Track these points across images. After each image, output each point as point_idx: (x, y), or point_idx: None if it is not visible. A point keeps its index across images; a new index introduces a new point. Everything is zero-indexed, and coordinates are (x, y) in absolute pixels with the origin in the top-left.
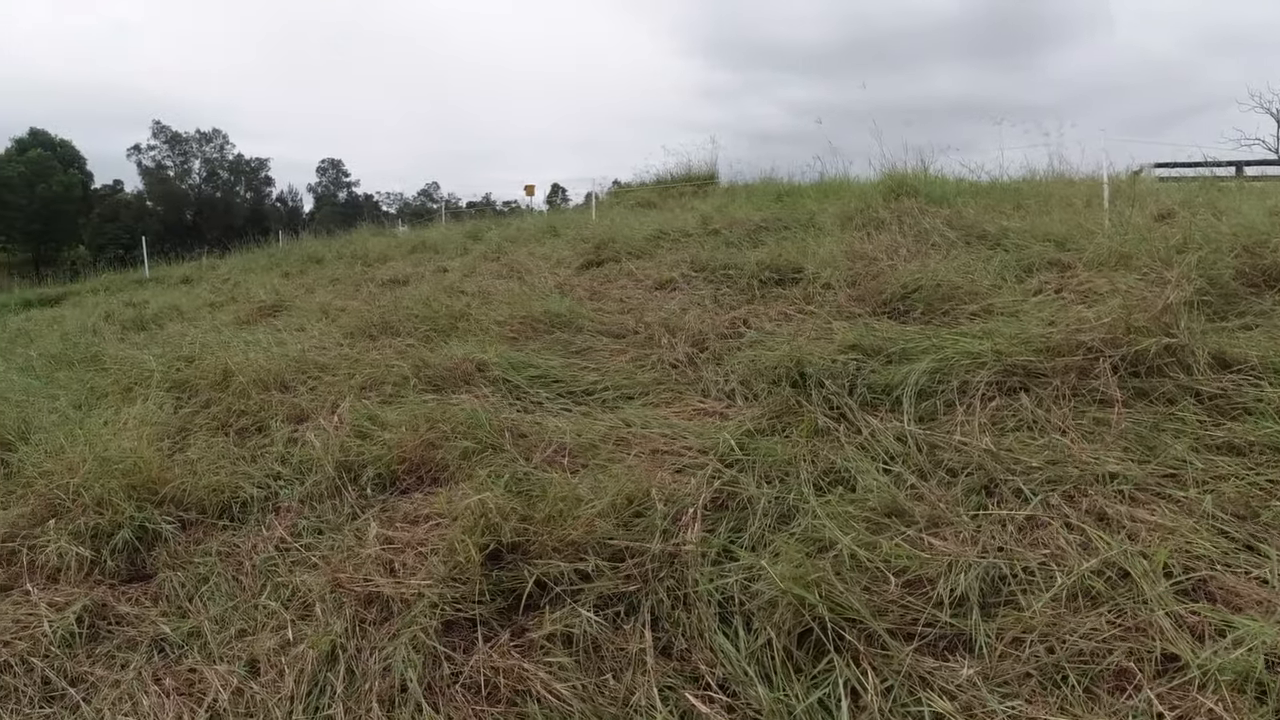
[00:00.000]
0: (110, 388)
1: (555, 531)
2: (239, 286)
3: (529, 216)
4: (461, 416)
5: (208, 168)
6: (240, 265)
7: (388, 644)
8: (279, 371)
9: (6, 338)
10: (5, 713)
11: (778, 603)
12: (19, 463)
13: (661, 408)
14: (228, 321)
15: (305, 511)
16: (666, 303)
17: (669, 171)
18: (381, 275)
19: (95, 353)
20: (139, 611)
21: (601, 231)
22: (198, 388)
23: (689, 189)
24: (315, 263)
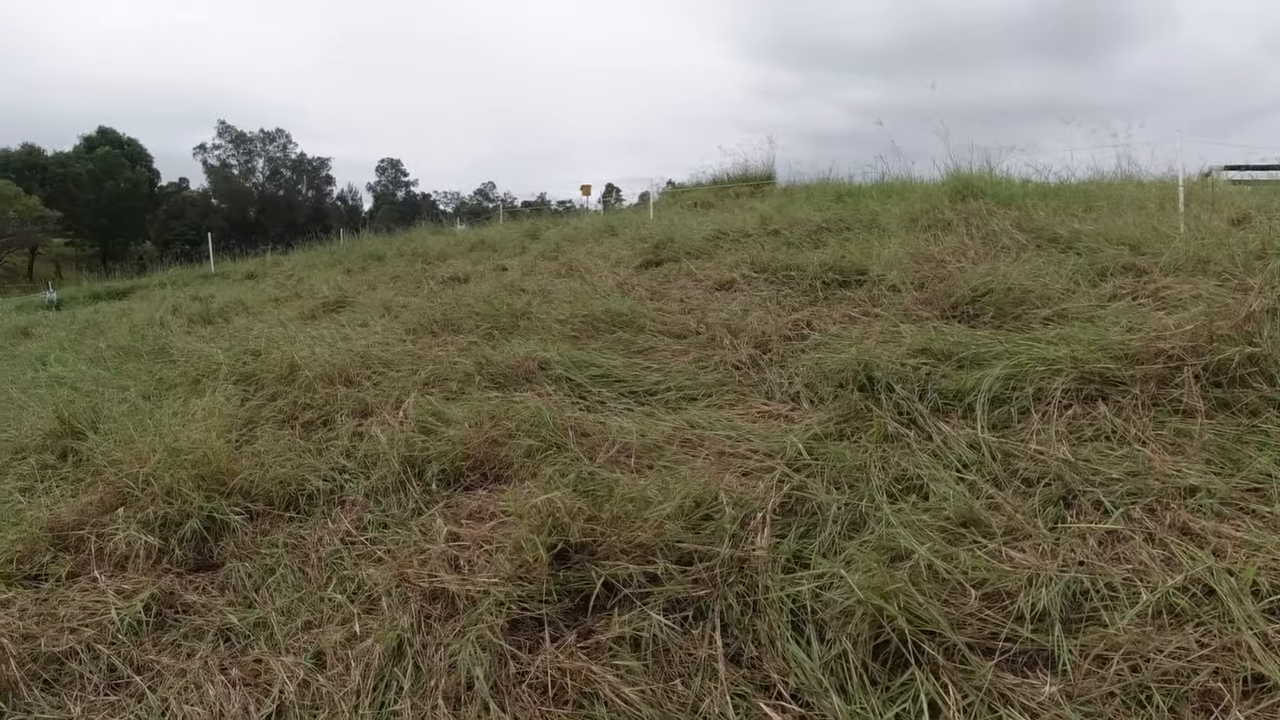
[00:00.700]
0: (178, 380)
1: (623, 533)
2: (303, 282)
3: (586, 216)
4: (525, 414)
5: (271, 166)
6: (303, 262)
7: (454, 641)
8: (344, 366)
9: (76, 329)
10: (70, 700)
11: (853, 612)
12: (89, 451)
13: (725, 409)
14: (292, 316)
15: (370, 505)
16: (727, 303)
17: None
18: (441, 273)
19: (163, 345)
20: (206, 601)
21: (659, 231)
22: (264, 381)
23: (746, 189)
24: (376, 260)
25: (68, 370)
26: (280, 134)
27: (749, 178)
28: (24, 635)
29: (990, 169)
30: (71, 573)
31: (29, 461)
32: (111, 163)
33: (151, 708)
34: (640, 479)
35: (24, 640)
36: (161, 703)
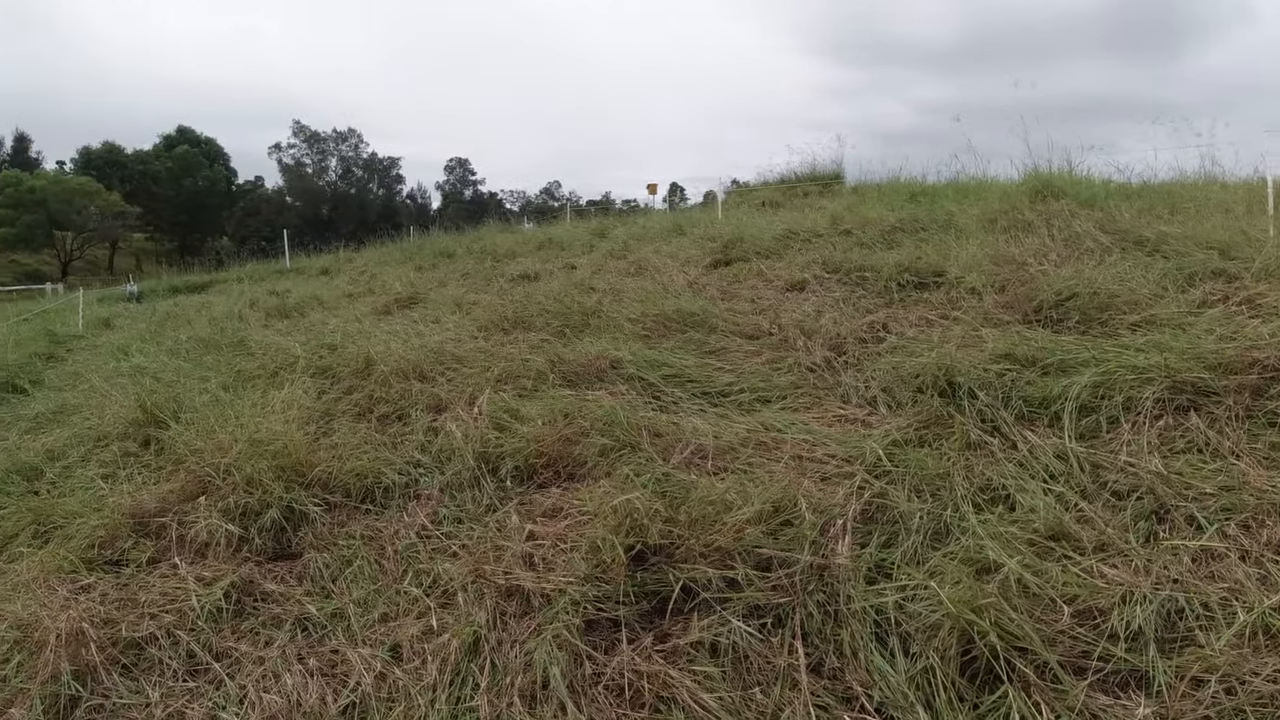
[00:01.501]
0: (256, 372)
1: (701, 536)
2: (375, 279)
3: (653, 215)
4: (599, 413)
5: (343, 165)
6: (375, 258)
7: (529, 639)
8: (417, 361)
9: (156, 321)
10: (149, 685)
11: (941, 626)
12: (170, 440)
13: (800, 412)
14: (365, 312)
15: (445, 500)
16: (800, 304)
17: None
18: (511, 271)
19: (241, 338)
20: (284, 590)
21: (728, 231)
22: (340, 375)
23: (814, 188)
24: (446, 257)
25: (149, 360)
26: (352, 134)
27: (817, 176)
28: (105, 620)
29: (1070, 169)
30: (152, 559)
31: (111, 449)
32: (190, 161)
33: (230, 695)
34: (718, 482)
35: (105, 625)
36: (240, 690)
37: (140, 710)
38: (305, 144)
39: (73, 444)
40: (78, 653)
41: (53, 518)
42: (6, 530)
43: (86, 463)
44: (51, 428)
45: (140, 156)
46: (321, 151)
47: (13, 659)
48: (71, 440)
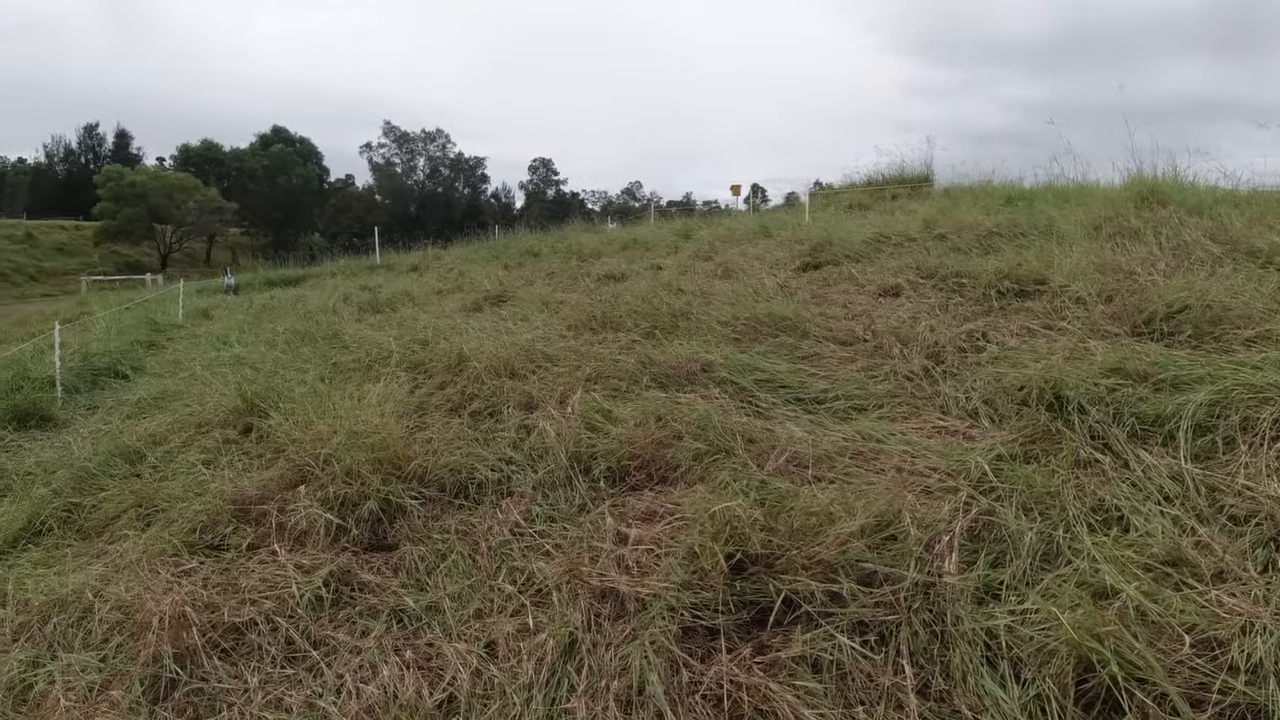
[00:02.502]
0: (351, 365)
1: (804, 547)
2: (464, 276)
3: (739, 217)
4: (692, 417)
5: (431, 165)
6: (462, 256)
7: (624, 643)
8: (508, 359)
9: (252, 313)
10: (248, 670)
11: (1057, 652)
12: (270, 429)
13: (898, 422)
14: (455, 309)
15: (538, 498)
16: (894, 310)
17: (880, 172)
18: (596, 270)
19: (335, 331)
20: (380, 581)
21: (817, 233)
22: (432, 370)
23: (902, 190)
24: (532, 256)
25: (248, 351)
26: (440, 134)
27: (905, 178)
28: (206, 604)
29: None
30: (252, 545)
31: (212, 435)
32: (284, 159)
33: (327, 684)
34: (819, 492)
35: (206, 610)
36: (337, 679)
37: (239, 695)
38: (395, 144)
39: (174, 430)
40: (179, 636)
41: (154, 501)
42: (109, 511)
43: (187, 448)
44: (153, 413)
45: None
46: (410, 151)
47: (113, 640)
48: (173, 426)
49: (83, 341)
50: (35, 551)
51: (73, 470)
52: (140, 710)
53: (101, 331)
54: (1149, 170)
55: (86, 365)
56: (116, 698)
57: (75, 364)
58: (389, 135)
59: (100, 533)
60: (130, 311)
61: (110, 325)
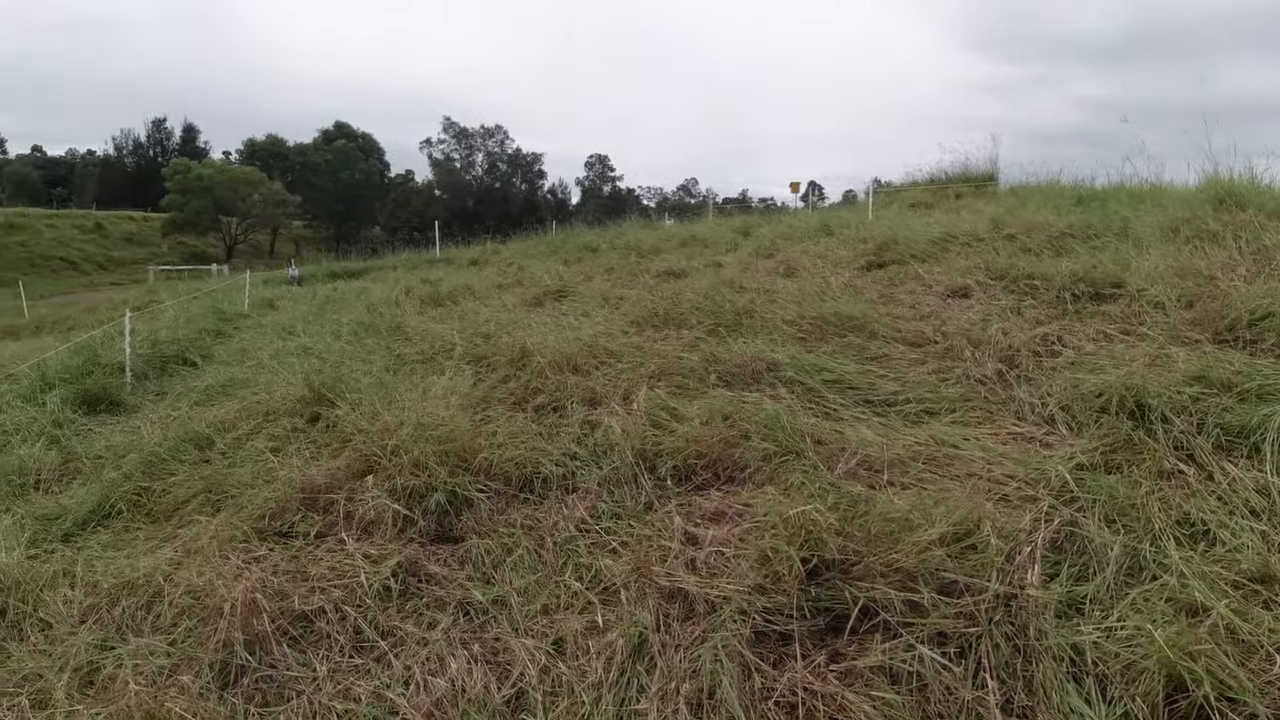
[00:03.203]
0: (414, 357)
1: (883, 554)
2: (523, 270)
3: (799, 214)
4: (760, 416)
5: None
6: (521, 251)
7: (695, 645)
8: (571, 354)
9: (316, 304)
10: (316, 659)
11: (1145, 669)
12: (337, 419)
13: (971, 427)
14: (515, 303)
15: (603, 495)
16: (963, 311)
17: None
18: (656, 267)
19: (398, 324)
20: (447, 573)
21: (881, 232)
22: (495, 364)
23: (966, 189)
24: (591, 251)
25: (314, 341)
26: (499, 130)
27: (969, 177)
28: (277, 592)
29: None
30: (320, 533)
31: (280, 424)
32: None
33: (395, 675)
34: (896, 497)
35: (277, 597)
36: (405, 670)
37: (308, 683)
38: (454, 140)
39: (242, 417)
40: (249, 622)
41: (224, 487)
42: (179, 496)
43: (256, 436)
44: (221, 400)
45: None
46: (469, 147)
47: (181, 624)
48: (241, 413)
49: (152, 329)
50: (105, 534)
51: (143, 454)
52: (210, 696)
53: (170, 320)
54: (1225, 172)
55: (155, 352)
56: (186, 683)
57: (144, 351)
58: (448, 131)
59: (169, 516)
60: (198, 301)
61: (178, 314)
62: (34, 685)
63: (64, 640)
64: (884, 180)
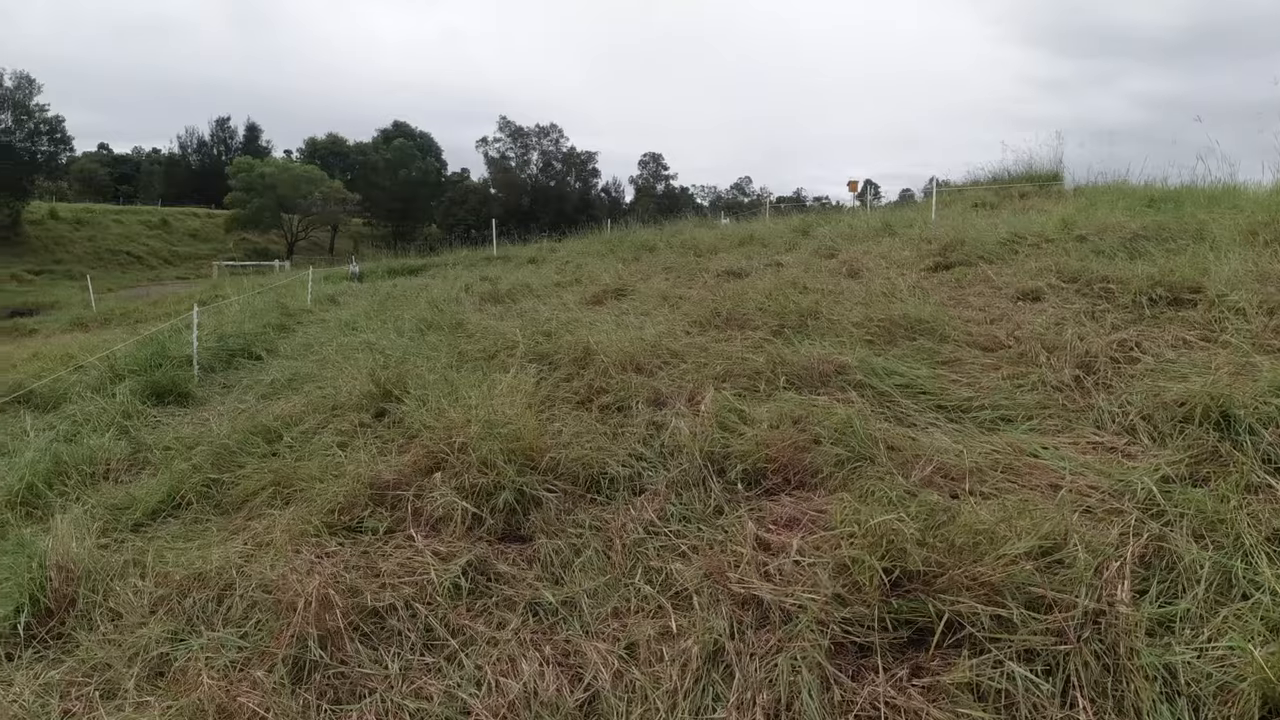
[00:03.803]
0: (477, 354)
1: (967, 567)
2: (581, 268)
3: (860, 213)
4: (831, 421)
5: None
6: (577, 249)
7: (771, 654)
8: (634, 354)
9: (377, 300)
10: (388, 656)
11: (1240, 691)
12: (402, 415)
13: (1049, 435)
14: (575, 301)
15: (671, 497)
16: (1035, 315)
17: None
18: (715, 266)
19: (459, 320)
20: (516, 572)
21: (945, 232)
22: (557, 362)
23: (1030, 189)
24: (648, 250)
25: (376, 337)
26: (554, 129)
27: (1033, 176)
28: (350, 588)
29: None
30: (389, 529)
31: (346, 419)
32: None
33: (467, 675)
34: (980, 508)
35: (349, 593)
36: (476, 670)
37: (380, 681)
38: (510, 138)
39: (309, 411)
40: (322, 618)
41: (292, 480)
42: (247, 488)
43: (322, 430)
44: (286, 394)
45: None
46: (524, 146)
47: (253, 617)
48: (307, 408)
49: (217, 323)
50: (174, 525)
51: (212, 446)
52: (283, 691)
53: (235, 314)
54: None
55: (222, 346)
56: (260, 678)
57: (211, 344)
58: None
59: (238, 508)
60: (262, 296)
61: (243, 308)
62: (103, 675)
63: (134, 630)
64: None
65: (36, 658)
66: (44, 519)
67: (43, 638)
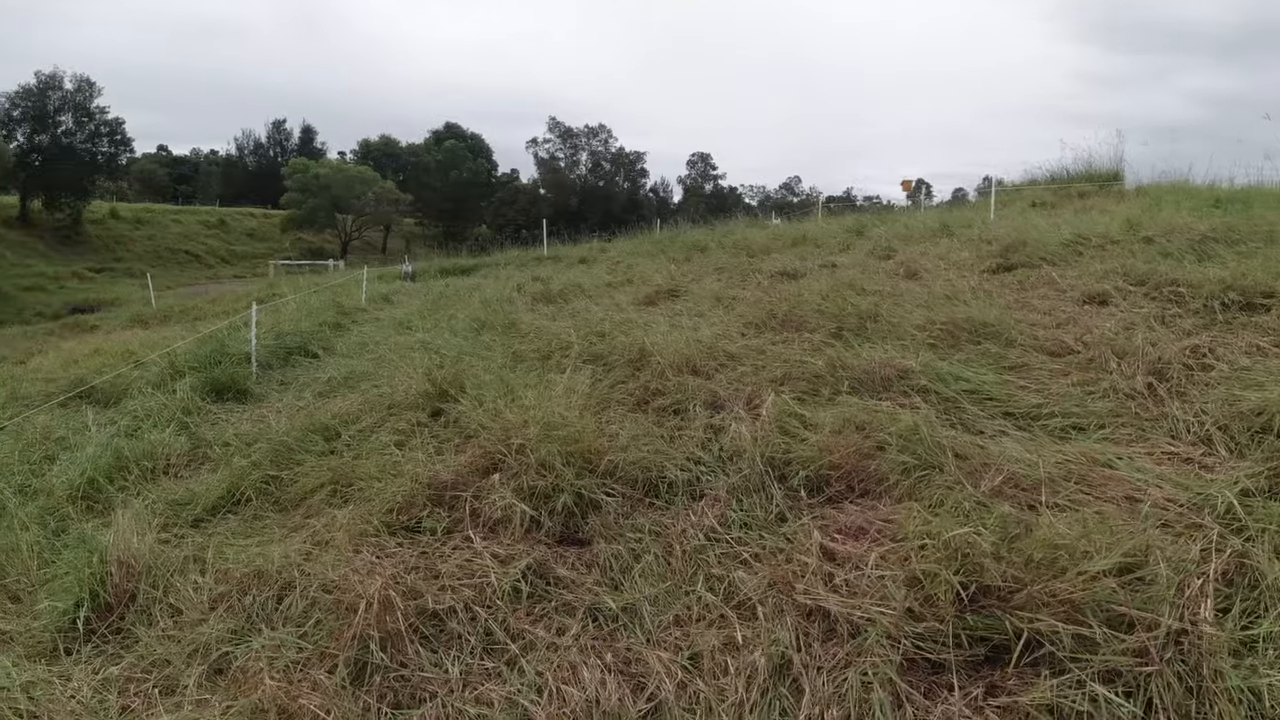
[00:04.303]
0: (530, 354)
1: (1046, 582)
2: (632, 269)
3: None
4: (897, 427)
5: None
6: (628, 249)
7: (839, 669)
8: (691, 356)
9: (430, 300)
10: (448, 660)
11: None
12: (459, 414)
13: (1122, 445)
14: (627, 302)
15: (732, 503)
16: (1103, 319)
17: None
18: (768, 267)
19: (512, 320)
20: (575, 577)
21: (1006, 233)
22: (612, 363)
23: (1090, 188)
24: (699, 250)
25: (431, 336)
26: (602, 129)
27: (1093, 175)
28: (410, 589)
29: None
30: (447, 529)
31: (403, 417)
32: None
33: (528, 681)
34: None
35: (410, 595)
36: (537, 677)
37: (440, 685)
38: (559, 139)
39: (365, 410)
40: (384, 619)
41: (350, 478)
42: (306, 486)
43: (379, 428)
44: (343, 392)
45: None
46: (574, 146)
47: (312, 616)
48: (364, 406)
49: (274, 321)
50: (234, 521)
51: (271, 443)
52: (344, 694)
53: (291, 312)
54: None
55: (279, 344)
56: (321, 680)
57: (269, 342)
58: (554, 130)
59: (297, 505)
60: (317, 294)
61: (300, 307)
62: (162, 672)
63: (194, 627)
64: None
65: (96, 653)
66: (104, 513)
67: (102, 633)
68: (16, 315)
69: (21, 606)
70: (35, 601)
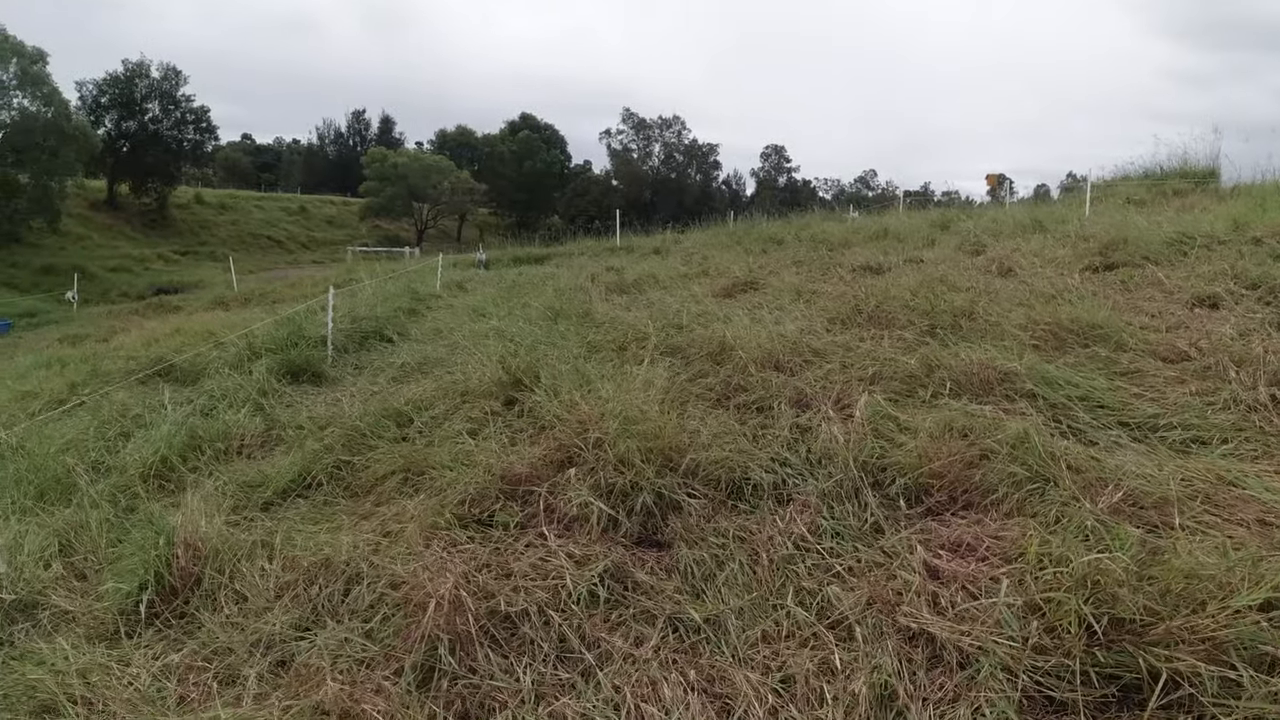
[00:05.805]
0: (605, 344)
1: (1185, 617)
2: (707, 260)
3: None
4: (1004, 435)
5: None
6: (702, 241)
7: (949, 701)
8: (774, 351)
9: (504, 288)
10: (520, 667)
11: None
12: (533, 404)
13: (1247, 462)
14: (704, 293)
15: (823, 510)
16: (1216, 324)
17: (1158, 164)
18: (849, 261)
19: (586, 310)
20: (655, 583)
21: (1104, 230)
22: (690, 356)
23: (1185, 186)
24: (776, 244)
25: (505, 324)
26: (676, 120)
27: (1187, 172)
28: (482, 589)
29: None
30: (520, 524)
31: (477, 406)
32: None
33: (605, 696)
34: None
35: (481, 595)
36: (615, 692)
37: (510, 695)
38: (633, 130)
39: (438, 396)
40: (453, 621)
41: (422, 466)
42: (377, 472)
43: (452, 416)
44: (416, 378)
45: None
46: (647, 138)
47: (379, 611)
48: (437, 393)
49: (351, 306)
50: (304, 505)
51: (344, 428)
52: (410, 700)
53: (368, 297)
54: None
55: (355, 328)
56: (385, 685)
57: (345, 326)
58: (627, 122)
59: (368, 492)
60: (393, 280)
61: (376, 292)
62: (224, 661)
63: (259, 615)
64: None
65: (157, 637)
66: (175, 493)
67: (165, 617)
68: (102, 295)
69: (87, 585)
70: (100, 581)
